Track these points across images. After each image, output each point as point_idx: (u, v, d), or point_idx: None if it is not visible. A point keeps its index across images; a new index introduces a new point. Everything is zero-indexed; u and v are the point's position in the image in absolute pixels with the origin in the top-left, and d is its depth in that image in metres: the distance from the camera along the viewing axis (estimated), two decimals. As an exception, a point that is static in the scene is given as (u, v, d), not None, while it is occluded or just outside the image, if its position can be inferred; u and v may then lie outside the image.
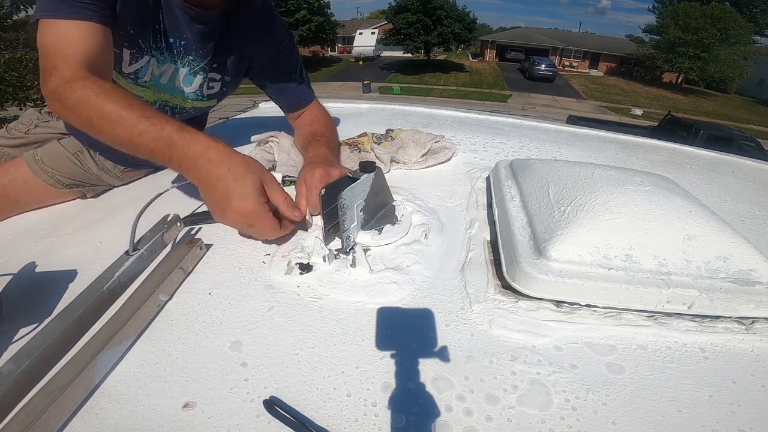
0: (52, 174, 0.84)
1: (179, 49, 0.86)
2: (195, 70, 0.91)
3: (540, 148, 1.19)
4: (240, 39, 0.92)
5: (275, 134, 1.02)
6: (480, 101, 19.27)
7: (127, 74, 0.83)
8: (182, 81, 0.91)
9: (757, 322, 0.54)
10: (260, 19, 0.94)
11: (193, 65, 0.90)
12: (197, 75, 0.92)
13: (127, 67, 0.82)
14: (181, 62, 0.88)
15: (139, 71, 0.84)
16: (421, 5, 24.39)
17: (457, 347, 0.50)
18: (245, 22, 0.91)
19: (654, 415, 0.43)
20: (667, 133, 9.05)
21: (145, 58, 0.83)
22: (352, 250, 0.64)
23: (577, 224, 0.58)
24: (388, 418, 0.41)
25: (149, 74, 0.86)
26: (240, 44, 0.93)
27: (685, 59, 23.43)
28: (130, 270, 0.57)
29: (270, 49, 0.97)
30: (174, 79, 0.90)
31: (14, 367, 0.40)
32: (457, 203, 0.84)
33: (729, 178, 1.12)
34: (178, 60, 0.87)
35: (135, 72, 0.84)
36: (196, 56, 0.89)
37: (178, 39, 0.84)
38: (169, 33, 0.83)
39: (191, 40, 0.86)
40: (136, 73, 0.84)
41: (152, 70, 0.86)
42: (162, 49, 0.84)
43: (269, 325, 0.52)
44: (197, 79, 0.92)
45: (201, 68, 0.91)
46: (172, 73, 0.89)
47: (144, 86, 0.87)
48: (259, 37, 0.94)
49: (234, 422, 0.41)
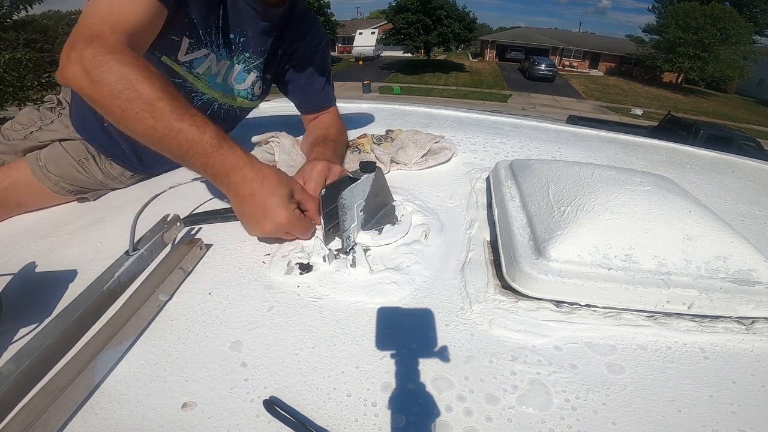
0: (56, 182, 0.83)
1: (237, 45, 0.86)
2: (249, 67, 0.91)
3: (540, 148, 1.19)
4: (290, 35, 0.94)
5: (276, 134, 1.01)
6: (480, 101, 19.27)
7: (182, 62, 0.82)
8: (235, 78, 0.91)
9: (757, 322, 0.54)
10: (307, 18, 0.96)
11: (249, 62, 0.90)
12: (251, 72, 0.92)
13: (183, 56, 0.81)
14: (237, 59, 0.88)
15: (194, 61, 0.83)
16: (421, 5, 24.39)
17: (457, 347, 0.50)
18: (299, 18, 0.93)
19: (654, 415, 0.43)
20: (667, 133, 9.04)
21: (202, 51, 0.82)
22: (352, 250, 0.64)
23: (577, 224, 0.58)
24: (388, 418, 0.42)
25: (204, 67, 0.85)
26: (289, 40, 0.94)
27: (685, 59, 23.43)
28: (130, 270, 0.57)
29: (310, 48, 0.99)
30: (228, 77, 0.90)
31: (14, 367, 0.40)
32: (457, 203, 0.84)
33: (729, 178, 1.12)
34: (234, 56, 0.87)
35: (190, 62, 0.82)
36: (253, 53, 0.89)
37: (238, 35, 0.84)
38: (231, 28, 0.82)
39: (251, 37, 0.86)
40: (191, 62, 0.83)
41: (209, 65, 0.85)
42: (220, 45, 0.84)
43: (269, 325, 0.52)
44: (250, 77, 0.93)
45: (255, 66, 0.91)
46: (227, 70, 0.88)
47: (197, 77, 0.86)
48: (305, 33, 0.96)
49: (234, 422, 0.41)
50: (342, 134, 1.02)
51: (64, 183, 0.84)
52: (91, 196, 0.88)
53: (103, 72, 0.58)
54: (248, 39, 0.86)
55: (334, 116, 1.06)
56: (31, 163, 0.84)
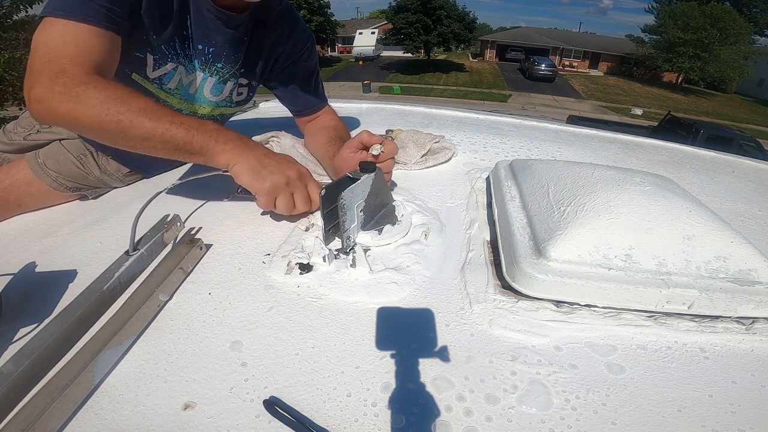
0: (55, 177, 0.84)
1: (208, 56, 0.84)
2: (225, 77, 0.89)
3: (540, 148, 1.19)
4: (267, 42, 0.91)
5: (276, 134, 1.02)
6: (480, 101, 19.27)
7: (152, 79, 0.82)
8: (210, 90, 0.90)
9: (757, 322, 0.54)
10: (286, 19, 0.93)
11: (223, 73, 0.88)
12: (227, 82, 0.90)
13: (152, 73, 0.81)
14: (209, 71, 0.86)
15: (163, 77, 0.83)
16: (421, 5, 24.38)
17: (457, 347, 0.50)
18: (275, 21, 0.90)
19: (654, 415, 0.43)
20: (667, 133, 9.05)
21: (169, 65, 0.81)
22: (352, 250, 0.64)
23: (577, 224, 0.58)
24: (388, 418, 0.42)
25: (175, 82, 0.84)
26: (267, 47, 0.92)
27: (685, 59, 23.42)
28: (130, 270, 0.57)
29: (294, 50, 0.96)
30: (202, 89, 0.89)
31: (14, 367, 0.41)
32: (457, 203, 0.84)
33: (729, 178, 1.12)
34: (206, 69, 0.86)
35: (159, 78, 0.82)
36: (226, 63, 0.87)
37: (207, 46, 0.83)
38: (197, 39, 0.81)
39: (221, 47, 0.84)
40: (160, 78, 0.83)
41: (180, 79, 0.84)
42: (190, 57, 0.83)
43: (269, 325, 0.52)
44: (227, 87, 0.91)
45: (231, 75, 0.89)
46: (200, 82, 0.87)
47: (169, 92, 0.86)
48: (287, 36, 0.93)
49: (234, 422, 0.41)
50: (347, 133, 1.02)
51: (62, 179, 0.84)
52: (89, 194, 0.88)
53: (82, 100, 0.60)
54: (218, 49, 0.84)
55: (333, 115, 1.06)
56: (30, 160, 0.85)
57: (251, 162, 0.65)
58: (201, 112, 0.93)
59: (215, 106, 0.93)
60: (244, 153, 0.66)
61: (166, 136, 0.62)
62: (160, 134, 0.62)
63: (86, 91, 0.61)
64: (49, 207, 0.85)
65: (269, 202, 0.67)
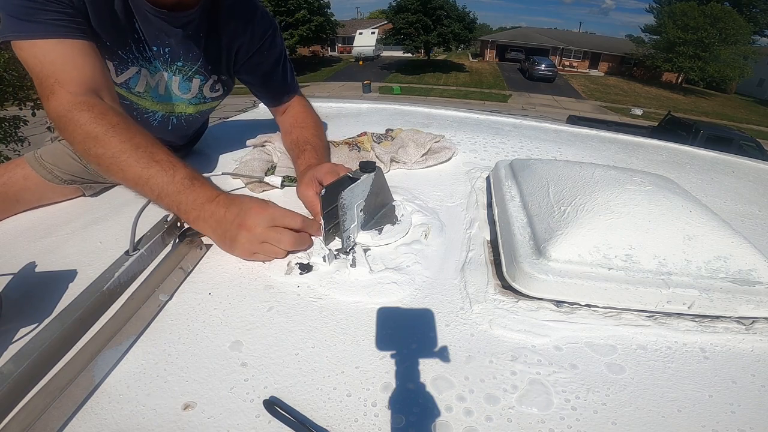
0: (50, 169, 0.84)
1: (165, 57, 0.84)
2: (189, 75, 0.89)
3: (540, 148, 1.19)
4: (225, 34, 0.89)
5: (270, 137, 1.01)
6: (480, 101, 19.27)
7: (120, 84, 0.82)
8: (178, 88, 0.90)
9: (757, 322, 0.54)
10: (242, 9, 0.90)
11: (186, 71, 0.88)
12: (193, 79, 0.90)
13: (116, 78, 0.81)
14: (171, 70, 0.86)
15: (129, 81, 0.83)
16: (421, 5, 24.38)
17: (457, 347, 0.50)
18: (227, 15, 0.87)
19: (654, 415, 0.43)
20: (667, 133, 9.05)
21: (131, 69, 0.81)
22: (352, 250, 0.64)
23: (577, 224, 0.58)
24: (388, 418, 0.41)
25: (143, 85, 0.84)
26: (226, 40, 0.90)
27: (684, 59, 23.42)
28: (130, 270, 0.57)
29: (254, 40, 0.93)
30: (170, 88, 0.89)
31: (14, 367, 0.40)
32: (457, 203, 0.84)
33: (729, 178, 1.12)
34: (168, 68, 0.85)
35: (126, 82, 0.83)
36: (186, 61, 0.86)
37: (161, 46, 0.82)
38: (150, 41, 0.80)
39: (176, 46, 0.83)
40: (127, 83, 0.83)
41: (147, 81, 0.84)
42: (149, 59, 0.82)
43: (269, 325, 0.52)
44: (195, 84, 0.91)
45: (195, 72, 0.89)
46: (167, 82, 0.87)
47: (139, 96, 0.86)
48: (243, 29, 0.90)
49: (234, 422, 0.41)
50: (313, 129, 0.97)
51: (58, 171, 0.84)
52: (86, 190, 0.88)
53: (69, 131, 0.64)
54: (174, 48, 0.83)
55: (297, 110, 1.02)
56: (27, 156, 0.86)
57: (216, 232, 0.63)
58: (178, 110, 0.93)
59: (188, 104, 0.93)
60: (205, 224, 0.63)
61: (139, 189, 0.64)
62: (133, 185, 0.64)
63: (71, 123, 0.64)
64: (48, 204, 0.85)
65: (253, 259, 0.64)
